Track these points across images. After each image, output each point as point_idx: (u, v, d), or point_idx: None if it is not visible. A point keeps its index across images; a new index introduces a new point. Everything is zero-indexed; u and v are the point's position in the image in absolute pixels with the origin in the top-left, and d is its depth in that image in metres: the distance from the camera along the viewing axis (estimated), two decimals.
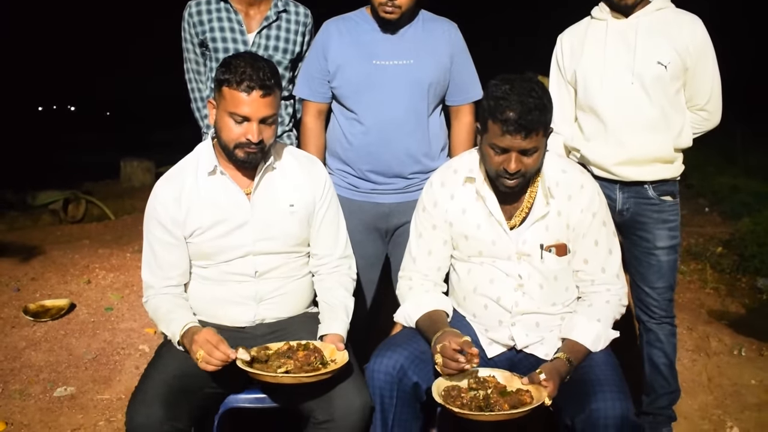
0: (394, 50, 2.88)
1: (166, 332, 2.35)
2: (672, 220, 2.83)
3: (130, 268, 4.62)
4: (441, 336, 2.22)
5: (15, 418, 3.10)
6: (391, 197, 2.96)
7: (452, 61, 2.95)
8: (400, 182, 2.95)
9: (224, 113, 2.29)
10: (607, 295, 2.40)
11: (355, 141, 2.92)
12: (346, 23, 2.95)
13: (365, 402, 2.20)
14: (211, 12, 3.07)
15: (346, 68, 2.88)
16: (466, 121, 3.06)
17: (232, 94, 2.25)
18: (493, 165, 2.26)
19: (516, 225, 2.37)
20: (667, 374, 2.94)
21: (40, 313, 3.97)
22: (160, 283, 2.42)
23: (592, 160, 2.80)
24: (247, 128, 2.28)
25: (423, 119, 2.92)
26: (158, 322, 2.41)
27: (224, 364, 2.12)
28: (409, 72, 2.86)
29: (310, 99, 2.99)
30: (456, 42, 2.98)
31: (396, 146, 2.89)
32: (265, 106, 2.27)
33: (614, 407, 2.07)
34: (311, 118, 3.02)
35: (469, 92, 3.03)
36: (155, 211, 2.42)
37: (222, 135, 2.32)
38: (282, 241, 2.45)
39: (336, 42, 2.91)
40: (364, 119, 2.89)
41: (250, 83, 2.24)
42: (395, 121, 2.86)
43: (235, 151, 2.32)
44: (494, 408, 2.06)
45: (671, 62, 2.69)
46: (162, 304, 2.40)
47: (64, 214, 9.03)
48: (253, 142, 2.28)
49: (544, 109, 2.19)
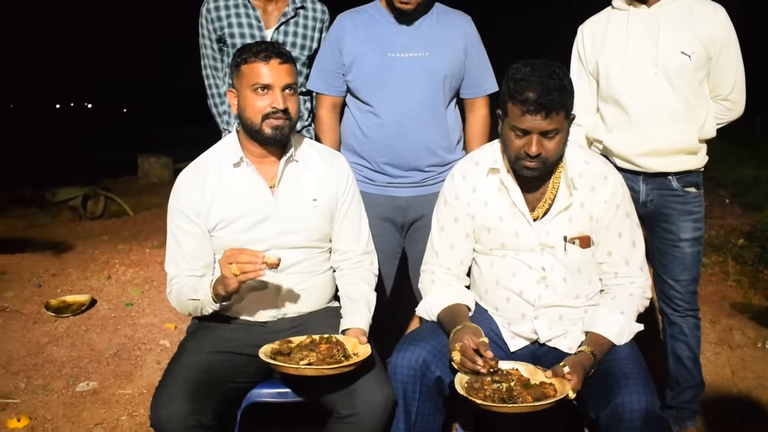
0: (409, 42, 2.86)
1: (196, 297, 2.32)
2: (696, 211, 2.79)
3: (150, 263, 4.64)
4: (460, 331, 2.20)
5: (38, 412, 3.12)
6: (408, 191, 2.95)
7: (467, 53, 2.94)
8: (416, 175, 2.94)
9: (246, 90, 2.32)
10: (631, 288, 2.37)
11: (371, 134, 2.91)
12: (360, 16, 2.95)
13: (388, 396, 2.19)
14: (229, 8, 3.06)
15: (361, 61, 2.87)
16: (481, 114, 3.05)
17: (251, 67, 2.30)
18: (514, 149, 2.24)
19: (539, 216, 2.35)
20: (692, 367, 2.91)
21: (61, 308, 4.00)
22: (184, 273, 2.42)
23: (614, 151, 2.78)
24: (272, 97, 2.30)
25: (439, 111, 2.91)
26: (185, 298, 2.38)
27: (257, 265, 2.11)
28: (425, 64, 2.85)
29: (325, 92, 2.99)
30: (470, 34, 2.96)
31: (412, 139, 2.88)
32: (284, 74, 2.31)
33: (639, 401, 2.05)
34: (326, 111, 3.01)
35: (484, 85, 3.01)
36: (179, 203, 2.42)
37: (247, 113, 2.34)
38: (305, 236, 2.45)
39: (350, 35, 2.90)
40: (379, 112, 2.88)
41: (266, 53, 2.30)
42: (411, 114, 2.85)
43: (262, 126, 2.32)
44: (517, 400, 2.04)
45: (695, 52, 2.65)
46: (186, 283, 2.39)
47: (83, 210, 9.11)
48: (279, 108, 2.29)
49: (564, 91, 2.17)
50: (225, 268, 2.15)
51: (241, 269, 2.12)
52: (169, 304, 4.00)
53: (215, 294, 2.26)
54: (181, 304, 2.42)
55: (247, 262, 2.11)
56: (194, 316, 2.48)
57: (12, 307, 4.09)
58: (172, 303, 2.47)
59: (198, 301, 2.33)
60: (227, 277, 2.15)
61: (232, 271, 2.13)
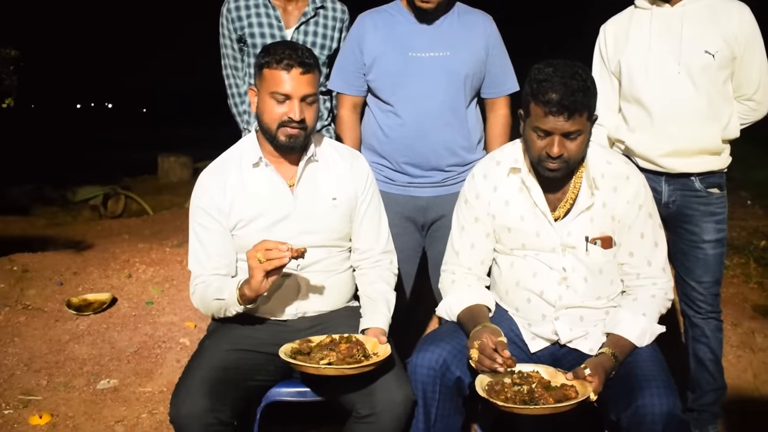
0: (430, 42, 2.86)
1: (221, 297, 2.32)
2: (719, 212, 2.77)
3: (170, 262, 4.66)
4: (479, 331, 2.19)
5: (60, 410, 3.14)
6: (428, 190, 2.95)
7: (488, 53, 2.93)
8: (437, 175, 2.93)
9: (266, 95, 2.32)
10: (653, 289, 2.35)
11: (391, 133, 2.91)
12: (381, 15, 2.94)
13: (407, 396, 2.18)
14: (250, 8, 3.07)
15: (382, 61, 2.87)
16: (501, 114, 3.04)
17: (273, 74, 2.30)
18: (535, 150, 2.23)
19: (560, 217, 2.34)
20: (713, 370, 2.88)
21: (82, 306, 4.03)
22: (208, 272, 2.42)
23: (637, 151, 2.76)
24: (289, 107, 2.30)
25: (460, 111, 2.90)
26: (209, 298, 2.37)
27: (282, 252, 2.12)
28: (446, 64, 2.84)
29: (346, 92, 2.99)
30: (491, 34, 2.95)
31: (433, 139, 2.87)
32: (305, 84, 2.31)
33: (661, 403, 2.03)
34: (346, 111, 3.02)
35: (505, 85, 3.01)
36: (200, 201, 2.43)
37: (264, 118, 2.34)
38: (324, 235, 2.45)
39: (371, 35, 2.90)
40: (400, 112, 2.87)
41: (289, 61, 2.28)
42: (432, 114, 2.85)
43: (277, 133, 2.33)
44: (539, 402, 2.03)
45: (719, 51, 2.63)
46: (211, 282, 2.39)
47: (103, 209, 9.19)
48: (295, 120, 2.30)
49: (587, 92, 2.15)
50: (252, 258, 2.15)
51: (267, 256, 2.12)
52: (190, 303, 4.05)
53: (241, 296, 2.26)
54: (205, 305, 2.42)
55: (272, 248, 2.12)
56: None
57: (34, 305, 4.12)
58: (195, 303, 2.47)
59: (223, 301, 2.33)
60: (254, 267, 2.15)
61: (258, 258, 2.13)
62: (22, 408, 3.14)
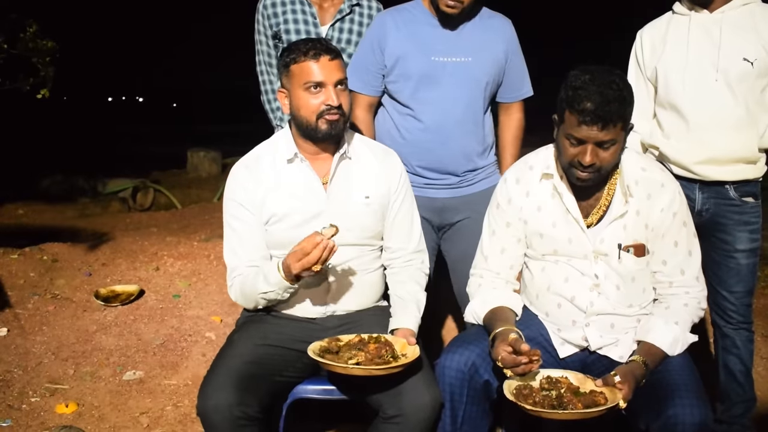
0: (453, 47, 2.83)
1: (269, 288, 2.31)
2: (753, 222, 2.73)
3: (197, 256, 4.69)
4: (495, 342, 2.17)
5: (86, 399, 3.18)
6: (444, 192, 2.93)
7: (507, 58, 2.91)
8: (451, 179, 2.92)
9: (298, 89, 2.34)
10: (686, 298, 2.32)
11: (410, 137, 2.88)
12: (402, 15, 2.90)
13: (435, 398, 2.18)
14: (285, 4, 3.08)
15: (404, 63, 2.84)
16: (516, 118, 3.03)
17: (302, 67, 2.32)
18: (567, 156, 2.21)
19: (593, 223, 2.32)
20: (743, 382, 2.85)
21: (110, 297, 4.06)
22: (244, 263, 2.42)
23: (671, 158, 2.72)
24: (325, 95, 2.32)
25: (479, 118, 2.89)
26: (251, 290, 2.37)
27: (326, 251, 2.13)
28: (468, 70, 2.82)
29: (363, 92, 2.95)
30: (511, 39, 2.93)
31: (453, 145, 2.85)
32: (335, 69, 2.33)
33: (693, 414, 2.00)
34: (362, 111, 2.98)
35: (521, 89, 2.99)
36: (234, 193, 2.44)
37: (301, 113, 2.35)
38: (356, 233, 2.44)
39: (393, 35, 2.86)
40: (420, 116, 2.85)
41: (315, 51, 2.32)
42: (454, 120, 2.83)
43: (318, 124, 2.34)
44: (567, 407, 2.01)
45: (758, 59, 2.59)
46: (249, 273, 2.39)
47: (132, 202, 9.27)
48: (334, 105, 2.31)
49: (623, 102, 2.12)
50: (301, 270, 2.17)
51: (322, 261, 2.15)
52: (216, 297, 4.09)
53: (287, 275, 2.25)
54: (246, 297, 2.41)
55: (319, 253, 2.13)
56: (245, 309, 2.50)
57: (63, 295, 4.16)
58: (234, 297, 2.47)
59: (272, 292, 2.32)
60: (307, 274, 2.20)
61: (314, 270, 2.16)
62: (48, 396, 3.18)
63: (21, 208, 8.40)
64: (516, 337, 2.13)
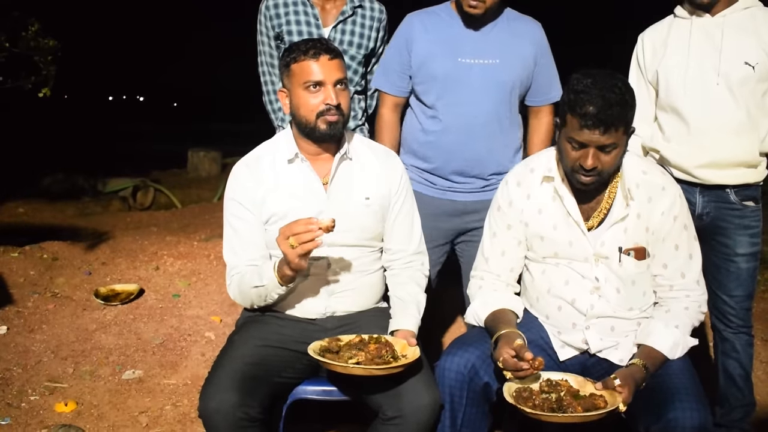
0: (480, 49, 2.81)
1: (261, 283, 2.32)
2: (754, 226, 2.73)
3: (197, 256, 4.69)
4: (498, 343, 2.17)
5: (85, 398, 3.17)
6: (468, 195, 2.91)
7: (536, 62, 2.88)
8: (478, 182, 2.90)
9: (298, 89, 2.34)
10: (686, 302, 2.33)
11: (433, 138, 2.87)
12: (430, 17, 2.89)
13: (435, 399, 2.17)
14: (288, 5, 3.08)
15: (430, 64, 2.82)
16: (546, 121, 3.00)
17: (302, 66, 2.33)
18: (569, 160, 2.21)
19: (594, 226, 2.32)
20: (743, 386, 2.85)
21: (110, 297, 4.07)
22: (244, 262, 2.42)
23: (672, 161, 2.72)
24: (324, 94, 2.33)
25: (504, 120, 2.86)
26: (247, 286, 2.37)
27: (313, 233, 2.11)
28: (495, 73, 2.80)
29: (389, 92, 2.96)
30: (541, 42, 2.91)
31: (476, 148, 2.84)
32: (335, 69, 2.34)
33: (692, 417, 2.00)
34: (388, 110, 2.99)
35: (550, 93, 2.96)
36: (234, 192, 2.45)
37: (301, 112, 2.36)
38: (356, 234, 2.44)
39: (420, 36, 2.85)
40: (444, 117, 2.83)
41: (315, 50, 2.33)
42: (477, 123, 2.81)
43: (317, 123, 2.34)
44: (567, 410, 2.01)
45: (759, 63, 2.59)
46: (247, 271, 2.39)
47: (132, 201, 9.28)
48: (333, 104, 2.32)
49: (625, 106, 2.13)
50: (283, 244, 2.15)
51: (299, 240, 2.12)
52: (216, 297, 4.09)
53: (280, 276, 2.26)
54: (243, 294, 2.42)
55: (303, 231, 2.11)
56: (245, 309, 2.50)
57: (62, 293, 4.17)
58: (233, 295, 2.47)
59: (263, 287, 2.32)
60: (288, 253, 2.15)
61: (291, 244, 2.13)
62: (48, 395, 3.17)
63: (21, 206, 8.40)
64: (522, 343, 2.13)
